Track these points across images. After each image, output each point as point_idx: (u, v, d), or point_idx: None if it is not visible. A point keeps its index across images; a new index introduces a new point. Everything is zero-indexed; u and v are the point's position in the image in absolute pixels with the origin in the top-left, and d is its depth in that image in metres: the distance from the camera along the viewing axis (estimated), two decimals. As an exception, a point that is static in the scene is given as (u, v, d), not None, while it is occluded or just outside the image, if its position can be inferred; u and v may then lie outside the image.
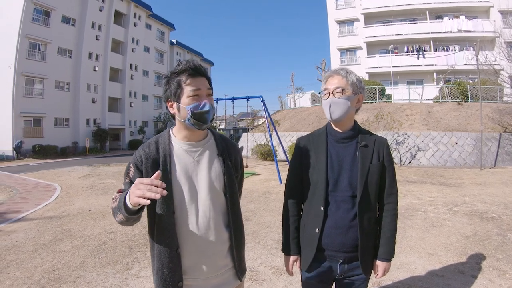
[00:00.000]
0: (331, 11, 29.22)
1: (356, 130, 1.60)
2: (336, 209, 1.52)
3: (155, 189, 1.06)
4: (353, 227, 1.50)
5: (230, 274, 1.46)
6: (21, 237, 4.95)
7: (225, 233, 1.42)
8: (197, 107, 1.32)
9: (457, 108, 16.10)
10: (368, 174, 1.51)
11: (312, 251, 1.55)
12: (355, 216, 1.50)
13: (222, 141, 1.51)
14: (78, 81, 27.04)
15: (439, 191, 8.04)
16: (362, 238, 1.49)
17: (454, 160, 13.21)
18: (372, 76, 25.62)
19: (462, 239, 4.52)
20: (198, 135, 1.44)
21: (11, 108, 21.91)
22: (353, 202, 1.51)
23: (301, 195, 1.66)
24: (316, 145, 1.62)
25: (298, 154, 1.68)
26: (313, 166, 1.59)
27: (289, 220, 1.66)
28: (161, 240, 1.35)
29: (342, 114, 1.53)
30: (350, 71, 1.58)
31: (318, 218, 1.54)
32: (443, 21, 24.89)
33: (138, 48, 34.70)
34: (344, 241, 1.51)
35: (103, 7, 29.22)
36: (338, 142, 1.59)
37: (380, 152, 1.56)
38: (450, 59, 23.75)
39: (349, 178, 1.52)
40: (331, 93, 1.55)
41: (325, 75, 1.63)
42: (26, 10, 22.51)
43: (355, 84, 1.55)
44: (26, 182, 10.90)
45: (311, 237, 1.57)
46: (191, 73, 1.35)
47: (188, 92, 1.33)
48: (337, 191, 1.53)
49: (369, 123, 15.23)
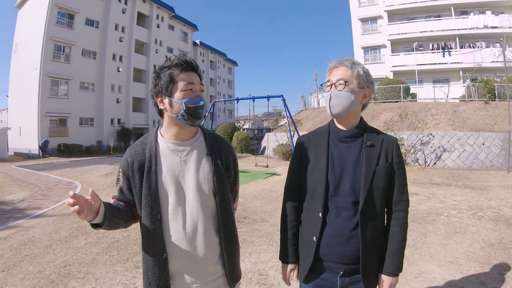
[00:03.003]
0: (354, 8, 28.62)
1: (361, 128, 1.43)
2: (336, 216, 1.37)
3: None
4: (355, 236, 1.34)
5: (221, 282, 1.37)
6: (38, 233, 5.08)
7: (215, 238, 1.35)
8: (192, 101, 1.26)
9: (484, 107, 15.35)
10: (374, 178, 1.35)
11: (309, 261, 1.41)
12: (357, 224, 1.34)
13: (212, 139, 1.42)
14: (102, 81, 27.84)
15: (463, 194, 7.65)
16: (364, 249, 1.33)
17: (481, 162, 12.59)
18: (397, 75, 24.86)
19: (486, 246, 4.23)
20: (187, 133, 1.37)
21: (37, 108, 22.89)
22: (355, 209, 1.35)
23: (300, 199, 1.52)
24: (316, 145, 1.47)
25: (298, 154, 1.54)
26: (313, 167, 1.45)
27: (287, 226, 1.53)
28: (146, 243, 1.31)
29: (343, 109, 1.37)
30: (358, 62, 1.42)
31: (316, 225, 1.40)
32: (468, 17, 23.85)
33: (161, 49, 35.26)
34: (344, 252, 1.35)
35: (126, 9, 29.96)
36: (340, 141, 1.44)
37: (389, 153, 1.39)
38: (476, 56, 22.72)
39: (352, 181, 1.36)
40: (333, 85, 1.40)
41: (329, 66, 1.46)
42: (51, 13, 23.43)
43: (361, 76, 1.39)
44: (49, 179, 11.28)
45: (309, 245, 1.43)
46: (184, 67, 1.29)
47: (182, 86, 1.27)
48: (338, 196, 1.37)
49: (393, 122, 14.79)
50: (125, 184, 1.37)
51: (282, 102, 12.91)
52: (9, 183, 10.70)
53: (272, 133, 21.16)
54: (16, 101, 26.23)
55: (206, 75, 48.31)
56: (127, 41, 30.39)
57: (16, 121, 25.61)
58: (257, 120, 57.00)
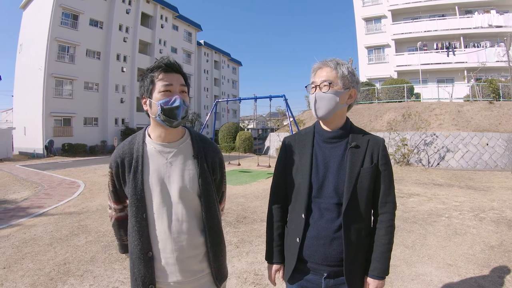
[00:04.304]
0: (358, 8, 28.52)
1: (347, 128, 1.42)
2: (319, 217, 1.36)
3: None
4: (338, 238, 1.33)
5: (207, 280, 1.40)
6: (39, 231, 5.13)
7: (199, 238, 1.37)
8: (167, 103, 1.28)
9: (488, 107, 15.25)
10: (358, 179, 1.33)
11: (293, 262, 1.41)
12: (340, 226, 1.32)
13: (199, 141, 1.44)
14: (106, 82, 27.95)
15: (466, 196, 7.59)
16: (348, 251, 1.31)
17: (485, 162, 12.49)
18: (401, 75, 24.76)
19: (487, 249, 4.19)
20: (173, 134, 1.39)
21: (41, 108, 23.05)
22: (338, 211, 1.33)
23: (286, 199, 1.51)
24: (301, 145, 1.46)
25: (283, 154, 1.53)
26: (297, 168, 1.44)
27: (272, 226, 1.53)
28: (132, 242, 1.35)
29: (328, 111, 1.36)
30: (342, 62, 1.40)
31: (299, 227, 1.39)
32: (473, 16, 23.65)
33: (165, 49, 35.28)
34: (327, 254, 1.34)
35: (130, 10, 30.05)
36: (325, 142, 1.42)
37: (374, 154, 1.37)
38: (481, 55, 22.52)
39: (335, 183, 1.35)
40: (317, 87, 1.38)
41: (313, 67, 1.44)
42: (55, 14, 23.58)
43: (346, 77, 1.37)
44: (52, 179, 11.35)
45: (292, 246, 1.42)
46: (164, 69, 1.32)
47: (160, 88, 1.30)
48: (321, 198, 1.36)
49: (396, 122, 14.69)
50: (117, 184, 1.40)
51: (284, 102, 12.90)
52: (13, 182, 10.80)
53: (275, 133, 21.15)
54: (21, 101, 26.45)
55: (210, 75, 48.30)
56: (131, 41, 30.50)
57: (21, 121, 25.81)
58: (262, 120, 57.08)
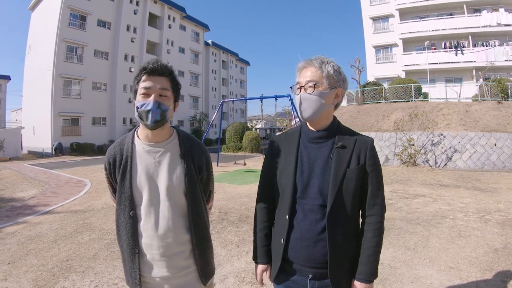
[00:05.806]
0: (365, 7, 28.30)
1: (333, 128, 1.39)
2: (303, 219, 1.34)
3: None
4: (322, 240, 1.30)
5: (193, 277, 1.44)
6: (45, 229, 5.23)
7: (185, 235, 1.41)
8: (142, 106, 1.32)
9: (496, 107, 14.99)
10: (343, 181, 1.30)
11: (278, 262, 1.41)
12: (324, 228, 1.30)
13: (186, 141, 1.47)
14: (114, 82, 28.28)
15: (472, 197, 7.48)
16: (332, 253, 1.29)
17: (493, 163, 12.29)
18: (409, 74, 24.47)
19: (490, 252, 4.11)
20: (159, 135, 1.42)
21: (50, 108, 23.41)
22: (323, 212, 1.30)
23: (272, 200, 1.49)
24: (287, 145, 1.45)
25: (269, 154, 1.52)
26: (282, 168, 1.42)
27: (258, 226, 1.53)
28: (120, 238, 1.42)
29: (314, 113, 1.33)
30: (327, 60, 1.35)
31: (283, 228, 1.38)
32: (481, 15, 23.26)
33: (173, 49, 35.55)
34: (311, 256, 1.32)
35: (138, 10, 30.32)
36: (311, 142, 1.40)
37: (362, 155, 1.33)
38: (489, 54, 22.15)
39: (320, 184, 1.32)
40: (302, 88, 1.35)
41: (298, 66, 1.41)
42: (63, 15, 23.89)
43: (331, 76, 1.33)
44: (60, 177, 11.54)
45: (278, 247, 1.42)
46: (148, 72, 1.35)
47: (140, 90, 1.34)
48: (305, 199, 1.34)
49: (403, 122, 14.52)
50: (114, 185, 1.45)
51: (290, 102, 12.94)
52: (21, 181, 11.00)
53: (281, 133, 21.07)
54: (30, 101, 26.91)
55: (218, 75, 48.53)
56: (139, 41, 30.78)
57: (30, 121, 26.27)
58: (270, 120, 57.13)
